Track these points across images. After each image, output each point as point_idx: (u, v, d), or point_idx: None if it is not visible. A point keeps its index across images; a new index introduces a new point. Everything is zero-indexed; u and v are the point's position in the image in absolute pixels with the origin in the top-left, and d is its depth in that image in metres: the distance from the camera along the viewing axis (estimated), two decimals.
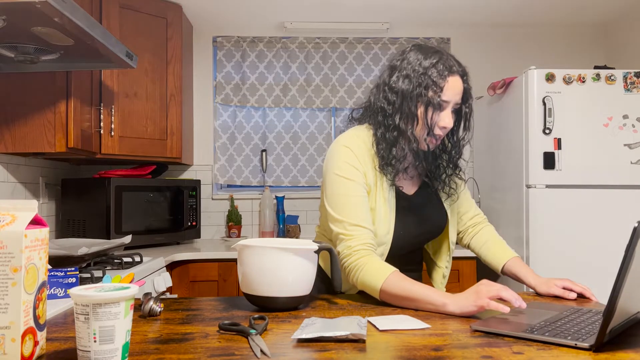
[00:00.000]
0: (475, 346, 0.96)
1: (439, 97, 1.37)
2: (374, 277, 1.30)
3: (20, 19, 1.51)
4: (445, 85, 1.37)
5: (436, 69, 1.38)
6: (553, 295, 1.43)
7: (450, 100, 1.39)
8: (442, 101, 1.37)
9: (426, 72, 1.38)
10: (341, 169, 1.40)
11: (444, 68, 1.38)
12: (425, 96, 1.37)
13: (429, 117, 1.38)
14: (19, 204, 0.89)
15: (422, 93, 1.37)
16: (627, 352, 0.92)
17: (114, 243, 2.07)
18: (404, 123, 1.41)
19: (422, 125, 1.40)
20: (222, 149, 3.40)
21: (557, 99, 2.60)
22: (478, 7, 3.17)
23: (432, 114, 1.38)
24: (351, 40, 3.46)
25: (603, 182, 2.61)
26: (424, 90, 1.37)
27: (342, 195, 1.38)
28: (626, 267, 0.88)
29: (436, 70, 1.37)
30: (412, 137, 1.41)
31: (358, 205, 1.38)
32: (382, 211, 1.41)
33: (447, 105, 1.39)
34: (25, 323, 0.85)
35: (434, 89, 1.37)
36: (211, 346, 0.97)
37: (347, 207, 1.37)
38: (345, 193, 1.38)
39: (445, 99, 1.37)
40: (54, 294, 1.42)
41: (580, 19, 3.42)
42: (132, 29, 2.76)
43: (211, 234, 3.41)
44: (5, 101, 2.25)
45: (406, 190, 1.49)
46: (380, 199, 1.42)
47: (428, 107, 1.38)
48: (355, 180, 1.39)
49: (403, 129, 1.41)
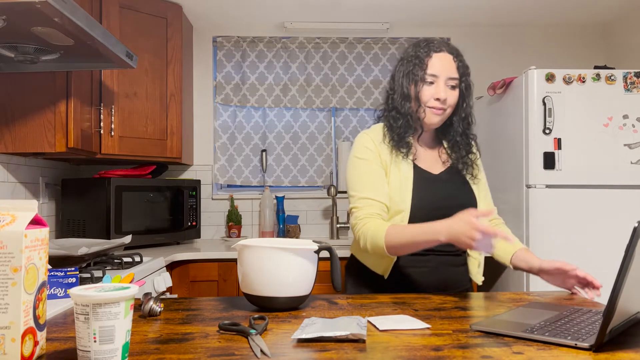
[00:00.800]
0: (475, 346, 0.96)
1: (425, 71, 1.53)
2: (377, 237, 1.43)
3: (20, 19, 1.51)
4: (430, 61, 1.53)
5: (423, 49, 1.56)
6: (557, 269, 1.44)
7: (439, 74, 1.53)
8: (430, 75, 1.53)
9: (415, 54, 1.56)
10: (357, 152, 1.57)
11: (429, 48, 1.55)
12: (414, 73, 1.54)
13: (419, 91, 1.54)
14: (19, 204, 0.89)
15: (412, 70, 1.55)
16: (627, 352, 0.92)
17: (114, 243, 2.07)
18: (401, 101, 1.57)
19: (416, 100, 1.55)
20: (222, 149, 3.40)
21: (557, 99, 2.60)
22: (478, 7, 3.17)
23: (422, 87, 1.53)
24: (351, 40, 3.46)
25: (603, 182, 2.61)
26: (413, 68, 1.55)
27: (355, 173, 1.55)
28: (626, 267, 0.88)
29: (423, 51, 1.55)
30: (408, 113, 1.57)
31: (369, 180, 1.52)
32: (397, 182, 1.53)
33: (437, 79, 1.53)
34: (25, 323, 0.85)
35: (420, 65, 1.54)
36: (211, 346, 0.97)
37: (359, 183, 1.53)
38: (358, 171, 1.54)
39: (432, 72, 1.53)
40: (54, 294, 1.42)
41: (580, 19, 3.42)
42: (132, 29, 2.76)
43: (211, 234, 3.41)
44: (5, 101, 2.25)
45: (429, 169, 1.60)
46: (396, 171, 1.54)
47: (418, 82, 1.54)
48: (368, 159, 1.54)
49: (400, 107, 1.57)
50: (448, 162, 1.63)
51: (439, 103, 1.53)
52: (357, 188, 1.52)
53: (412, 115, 1.57)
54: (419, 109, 1.55)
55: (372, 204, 1.49)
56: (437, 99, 1.52)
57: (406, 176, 1.54)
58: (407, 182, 1.53)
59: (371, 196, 1.50)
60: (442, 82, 1.53)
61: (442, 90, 1.53)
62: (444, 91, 1.53)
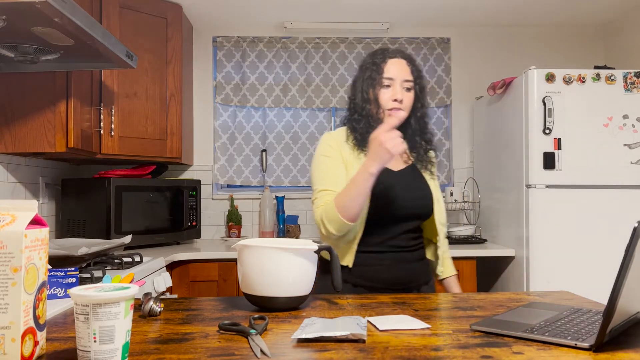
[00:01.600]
0: (475, 346, 0.96)
1: (381, 75, 1.65)
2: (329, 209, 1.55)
3: (20, 19, 1.51)
4: (385, 66, 1.66)
5: (379, 57, 1.69)
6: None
7: (395, 78, 1.65)
8: (387, 78, 1.65)
9: (372, 61, 1.69)
10: (320, 150, 1.69)
11: (384, 55, 1.69)
12: (372, 78, 1.67)
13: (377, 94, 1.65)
14: (19, 204, 0.89)
15: (369, 76, 1.67)
16: (627, 352, 0.92)
17: (114, 243, 2.07)
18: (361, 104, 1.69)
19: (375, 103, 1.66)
20: (222, 149, 3.40)
21: (557, 99, 2.60)
22: (478, 7, 3.17)
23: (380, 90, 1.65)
24: (351, 40, 3.46)
25: (603, 182, 2.61)
26: (370, 73, 1.67)
27: (317, 169, 1.67)
28: (626, 267, 0.88)
29: (379, 58, 1.69)
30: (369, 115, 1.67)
31: (328, 174, 1.64)
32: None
33: (393, 82, 1.65)
34: (25, 323, 0.85)
35: (377, 70, 1.66)
36: (211, 346, 0.97)
37: (319, 177, 1.65)
38: (318, 167, 1.67)
39: (388, 76, 1.65)
40: (54, 294, 1.42)
41: (580, 19, 3.43)
42: (132, 29, 2.76)
43: (211, 234, 3.41)
44: (5, 101, 2.25)
45: (393, 167, 1.70)
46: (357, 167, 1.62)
47: (376, 86, 1.66)
48: (329, 155, 1.66)
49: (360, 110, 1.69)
50: (409, 161, 1.75)
51: (397, 104, 1.64)
52: (317, 182, 1.65)
53: (373, 117, 1.68)
54: (378, 110, 1.66)
55: (330, 194, 1.60)
56: (395, 100, 1.64)
57: None
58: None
59: (329, 187, 1.61)
60: (398, 85, 1.65)
61: (399, 92, 1.65)
62: (401, 93, 1.65)
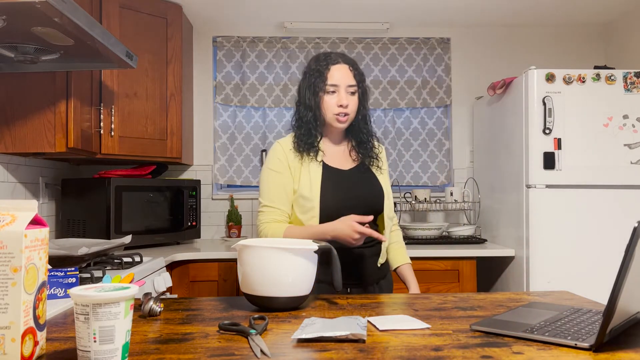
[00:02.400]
0: (475, 346, 0.96)
1: (325, 82, 1.70)
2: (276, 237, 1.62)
3: (20, 19, 1.51)
4: (329, 73, 1.71)
5: (322, 63, 1.73)
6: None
7: (339, 84, 1.71)
8: (331, 85, 1.71)
9: (316, 67, 1.74)
10: (269, 162, 1.76)
11: (327, 62, 1.73)
12: (316, 85, 1.72)
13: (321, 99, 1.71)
14: (19, 204, 0.89)
15: (314, 82, 1.72)
16: (627, 352, 0.92)
17: (114, 243, 2.07)
18: (305, 110, 1.75)
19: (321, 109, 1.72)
20: (222, 149, 3.40)
21: (557, 99, 2.60)
22: (478, 7, 3.17)
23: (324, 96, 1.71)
24: (351, 40, 3.46)
25: (603, 182, 2.61)
26: (315, 79, 1.72)
27: (264, 182, 1.75)
28: (626, 267, 0.88)
29: (322, 64, 1.73)
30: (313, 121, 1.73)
31: (274, 190, 1.72)
32: (306, 182, 1.70)
33: (338, 88, 1.71)
34: (25, 323, 0.85)
35: (321, 77, 1.71)
36: (211, 346, 0.97)
37: (265, 191, 1.74)
38: (266, 181, 1.74)
39: (332, 82, 1.71)
40: (54, 294, 1.42)
41: (580, 19, 3.43)
42: (132, 29, 2.76)
43: (211, 234, 3.41)
44: (5, 101, 2.25)
45: (341, 166, 1.78)
46: (306, 173, 1.72)
47: (320, 92, 1.71)
48: (277, 170, 1.72)
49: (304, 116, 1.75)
50: (357, 159, 1.81)
51: (342, 109, 1.70)
52: (264, 196, 1.74)
53: (313, 123, 1.74)
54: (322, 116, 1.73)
55: (274, 211, 1.71)
56: (341, 105, 1.70)
57: (315, 175, 1.71)
58: (316, 181, 1.70)
59: (274, 205, 1.71)
60: (343, 90, 1.71)
61: (344, 98, 1.70)
62: (346, 98, 1.70)
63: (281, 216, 1.73)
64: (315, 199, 1.68)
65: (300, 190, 1.70)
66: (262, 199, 1.76)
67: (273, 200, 1.72)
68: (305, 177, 1.71)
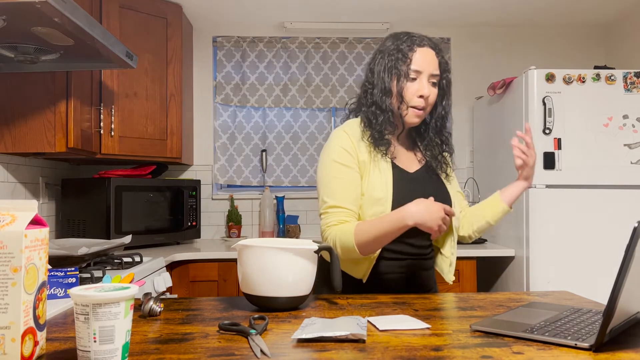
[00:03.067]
0: (475, 346, 0.96)
1: (409, 67, 1.47)
2: (346, 238, 1.41)
3: (20, 19, 1.51)
4: (414, 56, 1.47)
5: (405, 43, 1.49)
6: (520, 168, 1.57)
7: (423, 70, 1.47)
8: (414, 70, 1.47)
9: (397, 47, 1.49)
10: (334, 154, 1.49)
11: (412, 42, 1.49)
12: (397, 68, 1.48)
13: (402, 87, 1.48)
14: (19, 204, 0.89)
15: (394, 65, 1.48)
16: (627, 352, 0.92)
17: (114, 243, 2.07)
18: (381, 97, 1.50)
19: (398, 97, 1.49)
20: (222, 149, 3.40)
21: (557, 99, 2.60)
22: (478, 7, 3.17)
23: (405, 84, 1.48)
24: (351, 40, 3.46)
25: (603, 182, 2.61)
26: (395, 62, 1.48)
27: (330, 177, 1.48)
28: (626, 267, 0.88)
29: (405, 44, 1.49)
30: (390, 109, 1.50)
31: (342, 188, 1.47)
32: (378, 181, 1.48)
33: (420, 75, 1.48)
34: (25, 323, 0.85)
35: (403, 60, 1.47)
36: (211, 346, 0.97)
37: (331, 188, 1.47)
38: (333, 175, 1.48)
39: (415, 68, 1.47)
40: (54, 294, 1.42)
41: (580, 19, 3.42)
42: (132, 29, 2.76)
43: (211, 234, 3.41)
44: (5, 101, 2.25)
45: (407, 167, 1.56)
46: (376, 170, 1.49)
47: (400, 78, 1.48)
48: (345, 163, 1.48)
49: (380, 103, 1.50)
50: (423, 160, 1.60)
51: (422, 101, 1.48)
52: (329, 194, 1.47)
53: (394, 112, 1.50)
54: (400, 106, 1.49)
55: (343, 212, 1.46)
56: (421, 96, 1.47)
57: (387, 176, 1.49)
58: (388, 182, 1.48)
59: (342, 204, 1.46)
60: (425, 79, 1.48)
61: (426, 87, 1.47)
62: (427, 88, 1.47)
63: (351, 217, 1.47)
64: (387, 203, 1.46)
65: (371, 191, 1.47)
66: (326, 197, 1.48)
67: (341, 200, 1.46)
68: (377, 177, 1.48)
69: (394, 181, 1.49)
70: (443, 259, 1.62)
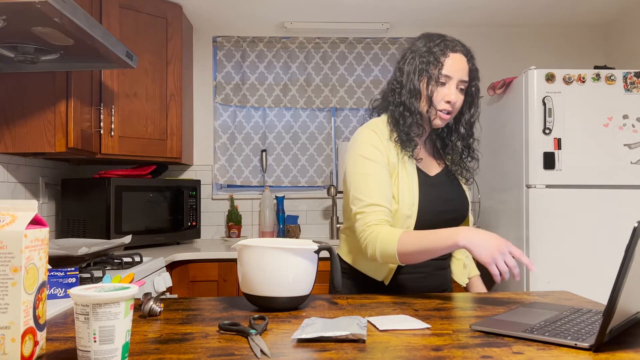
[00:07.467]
0: (475, 346, 0.96)
1: (440, 71, 1.45)
2: (388, 245, 1.36)
3: (20, 19, 1.51)
4: (446, 61, 1.46)
5: (438, 47, 1.47)
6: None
7: (453, 76, 1.46)
8: (444, 76, 1.46)
9: (429, 49, 1.48)
10: (364, 150, 1.46)
11: (445, 46, 1.48)
12: (428, 71, 1.46)
13: (432, 91, 1.46)
14: (19, 204, 0.89)
15: (425, 68, 1.47)
16: (627, 352, 0.92)
17: (114, 243, 2.07)
18: (410, 98, 1.49)
19: (427, 100, 1.47)
20: (222, 149, 3.40)
21: (557, 99, 2.60)
22: (478, 7, 3.17)
23: (436, 88, 1.46)
24: (351, 40, 3.46)
25: (603, 182, 2.61)
26: (426, 65, 1.47)
27: (362, 174, 1.44)
28: (626, 267, 0.88)
29: (438, 48, 1.47)
30: (418, 112, 1.49)
31: (377, 185, 1.43)
32: (406, 185, 1.47)
33: (449, 80, 1.46)
34: (25, 323, 0.85)
35: (435, 64, 1.46)
36: (211, 346, 0.97)
37: (366, 186, 1.43)
38: (365, 172, 1.44)
39: (446, 73, 1.46)
40: (54, 294, 1.42)
41: (580, 19, 3.42)
42: (132, 29, 2.76)
43: (211, 234, 3.41)
44: (5, 101, 2.25)
45: (428, 171, 1.55)
46: (404, 173, 1.48)
47: (430, 81, 1.46)
48: (376, 160, 1.45)
49: (409, 105, 1.49)
50: (442, 164, 1.60)
51: (449, 106, 1.47)
52: (364, 192, 1.43)
53: (422, 115, 1.50)
54: (429, 109, 1.48)
55: (380, 210, 1.41)
56: (448, 102, 1.46)
57: (413, 179, 1.48)
58: (414, 185, 1.47)
59: (379, 202, 1.41)
60: (454, 85, 1.47)
61: (454, 93, 1.47)
62: (455, 94, 1.47)
63: (388, 216, 1.43)
64: (414, 206, 1.45)
65: (399, 194, 1.45)
66: (361, 195, 1.43)
67: (378, 198, 1.41)
68: (404, 179, 1.47)
69: (419, 184, 1.49)
70: (455, 261, 1.64)
